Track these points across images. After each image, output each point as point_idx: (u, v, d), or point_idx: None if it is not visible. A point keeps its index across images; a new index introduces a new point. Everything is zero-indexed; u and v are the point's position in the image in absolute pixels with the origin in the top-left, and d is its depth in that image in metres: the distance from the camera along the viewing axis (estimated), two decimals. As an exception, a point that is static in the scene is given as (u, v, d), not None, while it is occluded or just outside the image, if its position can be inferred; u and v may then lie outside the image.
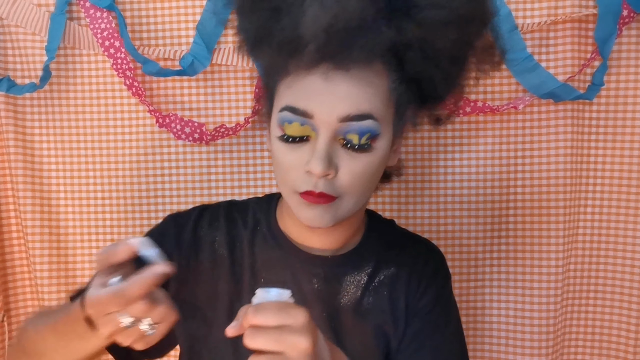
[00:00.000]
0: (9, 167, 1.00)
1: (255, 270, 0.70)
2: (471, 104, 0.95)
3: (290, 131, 0.60)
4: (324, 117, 0.57)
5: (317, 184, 0.59)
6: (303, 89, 0.58)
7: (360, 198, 0.63)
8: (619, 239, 0.98)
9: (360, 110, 0.57)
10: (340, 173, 0.59)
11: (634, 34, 0.93)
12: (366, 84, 0.58)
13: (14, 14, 0.95)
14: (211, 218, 0.73)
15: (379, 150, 0.60)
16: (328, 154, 0.58)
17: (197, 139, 0.97)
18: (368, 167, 0.60)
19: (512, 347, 1.01)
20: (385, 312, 0.70)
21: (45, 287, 1.00)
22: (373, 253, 0.73)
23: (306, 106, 0.58)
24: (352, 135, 0.58)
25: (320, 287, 0.70)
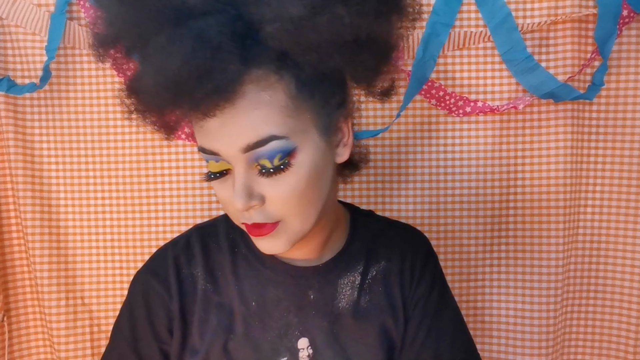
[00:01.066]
0: (9, 167, 1.00)
1: (245, 295, 0.68)
2: (471, 104, 0.95)
3: (211, 168, 0.58)
4: (227, 152, 0.55)
5: (249, 216, 0.57)
6: (200, 131, 0.57)
7: (306, 214, 0.59)
8: (619, 239, 0.98)
9: (259, 135, 0.54)
10: (267, 201, 0.57)
11: (634, 34, 0.93)
12: (255, 106, 0.53)
13: (14, 14, 0.95)
14: (187, 255, 0.70)
15: (302, 165, 0.56)
16: (246, 187, 0.56)
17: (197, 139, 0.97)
18: (295, 185, 0.56)
19: (512, 347, 1.01)
20: (383, 308, 0.70)
21: (45, 287, 1.00)
22: (362, 250, 0.71)
23: (209, 145, 0.56)
24: (263, 161, 0.55)
25: (316, 297, 0.68)
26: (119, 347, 0.71)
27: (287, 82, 0.55)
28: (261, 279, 0.69)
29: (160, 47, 0.51)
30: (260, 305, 0.68)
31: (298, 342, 0.67)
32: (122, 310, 0.71)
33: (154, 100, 0.54)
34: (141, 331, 0.69)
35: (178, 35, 0.50)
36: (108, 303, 1.03)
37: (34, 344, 1.06)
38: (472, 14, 0.93)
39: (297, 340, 0.67)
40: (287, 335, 0.67)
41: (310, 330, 0.68)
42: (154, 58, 0.51)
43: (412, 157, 1.00)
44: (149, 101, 0.55)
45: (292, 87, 0.55)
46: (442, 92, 0.96)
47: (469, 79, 0.96)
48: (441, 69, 0.96)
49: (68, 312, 1.02)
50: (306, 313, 0.68)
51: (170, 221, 1.02)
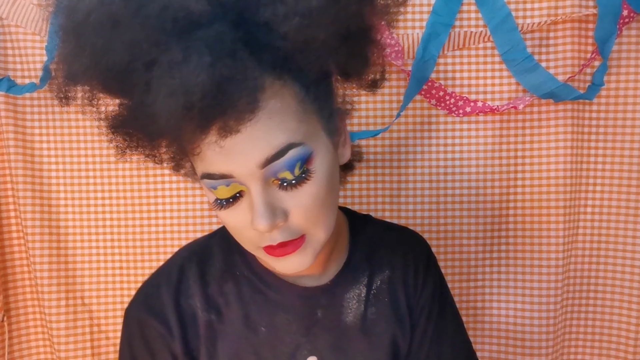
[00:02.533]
0: (9, 167, 1.00)
1: (252, 321, 0.64)
2: (471, 104, 0.95)
3: (220, 194, 0.53)
4: (244, 171, 0.50)
5: (273, 237, 0.53)
6: (210, 155, 0.51)
7: (328, 222, 0.56)
8: (619, 239, 0.98)
9: (276, 146, 0.50)
10: (292, 216, 0.53)
11: (634, 34, 0.93)
12: (268, 116, 0.49)
13: (14, 14, 0.95)
14: (183, 286, 0.64)
15: (320, 169, 0.53)
16: (268, 205, 0.51)
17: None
18: (317, 193, 0.53)
19: (512, 347, 1.01)
20: (390, 318, 0.68)
21: (45, 287, 1.00)
22: (364, 260, 0.69)
23: (220, 169, 0.51)
24: (283, 174, 0.51)
25: (324, 314, 0.65)
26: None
27: (291, 87, 0.52)
28: (269, 303, 0.64)
29: (174, 64, 0.45)
30: (270, 330, 0.64)
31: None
32: (122, 352, 0.66)
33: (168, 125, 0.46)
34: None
35: (192, 48, 0.45)
36: (108, 303, 1.03)
37: (34, 344, 1.06)
38: (472, 14, 0.93)
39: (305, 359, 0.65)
40: (296, 356, 0.65)
41: (318, 348, 0.65)
42: (166, 78, 0.45)
43: (412, 157, 0.99)
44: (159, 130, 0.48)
45: (297, 91, 0.52)
46: (442, 92, 0.96)
47: (469, 79, 0.96)
48: (441, 69, 0.96)
49: (68, 312, 1.02)
50: (314, 332, 0.65)
51: (170, 221, 1.02)
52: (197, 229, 1.01)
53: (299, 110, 0.52)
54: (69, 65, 0.51)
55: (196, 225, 1.01)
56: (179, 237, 1.01)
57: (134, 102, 0.50)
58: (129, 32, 0.46)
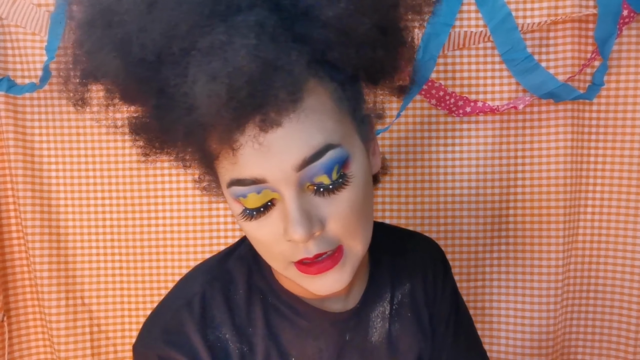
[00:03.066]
0: (9, 167, 1.00)
1: (282, 351, 0.59)
2: (471, 103, 0.95)
3: (250, 204, 0.48)
4: (279, 175, 0.46)
5: (309, 249, 0.48)
6: (243, 159, 0.46)
7: (365, 233, 0.52)
8: (619, 239, 0.98)
9: (314, 147, 0.46)
10: (328, 224, 0.48)
11: (634, 34, 0.92)
12: (306, 115, 0.46)
13: (14, 14, 0.95)
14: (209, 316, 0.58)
15: (357, 175, 0.49)
16: (304, 212, 0.47)
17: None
18: (355, 200, 0.49)
19: (512, 347, 1.01)
20: (414, 333, 0.65)
21: (45, 287, 1.00)
22: (386, 275, 0.65)
23: (253, 173, 0.46)
24: (320, 178, 0.47)
25: (351, 336, 0.62)
26: None
27: (327, 84, 0.49)
28: (298, 331, 0.60)
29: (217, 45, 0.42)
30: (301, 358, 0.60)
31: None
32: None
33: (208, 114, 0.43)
34: None
35: (234, 31, 0.42)
36: (108, 303, 1.03)
37: (34, 344, 1.06)
38: (472, 14, 0.93)
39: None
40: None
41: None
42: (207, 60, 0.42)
43: (412, 157, 0.99)
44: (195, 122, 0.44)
45: (333, 91, 0.49)
46: (442, 92, 0.96)
47: (469, 79, 0.96)
48: (441, 69, 0.95)
49: (68, 312, 1.02)
50: (342, 354, 0.62)
51: (170, 221, 1.02)
52: (197, 229, 1.01)
53: (335, 110, 0.49)
54: (92, 59, 0.47)
55: (196, 226, 1.01)
56: (179, 237, 1.01)
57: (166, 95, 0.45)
58: (166, 14, 0.43)
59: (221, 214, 1.01)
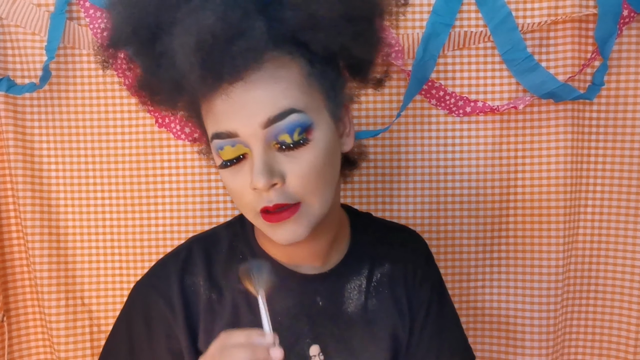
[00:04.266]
0: (9, 167, 1.00)
1: (253, 305, 0.66)
2: (471, 103, 0.95)
3: (226, 156, 0.58)
4: (247, 130, 0.55)
5: (270, 197, 0.56)
6: (218, 112, 0.57)
7: (323, 196, 0.59)
8: (619, 239, 0.98)
9: (278, 108, 0.55)
10: (288, 179, 0.57)
11: (634, 34, 0.93)
12: (275, 81, 0.55)
13: (14, 13, 0.95)
14: (189, 265, 0.68)
15: (319, 142, 0.57)
16: (267, 165, 0.55)
17: (196, 139, 0.97)
18: (314, 162, 0.57)
19: (512, 347, 1.01)
20: (391, 311, 0.70)
21: (45, 287, 1.00)
22: (366, 253, 0.71)
23: (227, 127, 0.56)
24: (283, 136, 0.56)
25: (324, 303, 0.68)
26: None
27: (299, 62, 0.57)
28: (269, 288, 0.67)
29: (192, 11, 0.52)
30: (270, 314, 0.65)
31: (310, 350, 0.67)
32: (118, 325, 0.69)
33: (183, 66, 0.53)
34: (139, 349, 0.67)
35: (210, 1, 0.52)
36: (108, 303, 1.03)
37: (33, 344, 1.06)
38: (472, 14, 0.93)
39: (308, 348, 0.67)
40: (299, 343, 0.67)
41: (321, 337, 0.67)
42: (185, 22, 0.53)
43: (412, 157, 0.99)
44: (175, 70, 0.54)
45: (304, 67, 0.57)
46: (442, 92, 0.96)
47: (469, 79, 0.96)
48: (441, 69, 0.95)
49: (68, 312, 1.02)
50: (316, 320, 0.67)
51: (170, 221, 1.02)
52: (197, 229, 1.01)
53: (304, 84, 0.57)
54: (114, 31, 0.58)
55: (196, 226, 1.01)
56: (179, 237, 1.01)
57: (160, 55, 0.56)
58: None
59: (221, 214, 1.01)
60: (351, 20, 0.56)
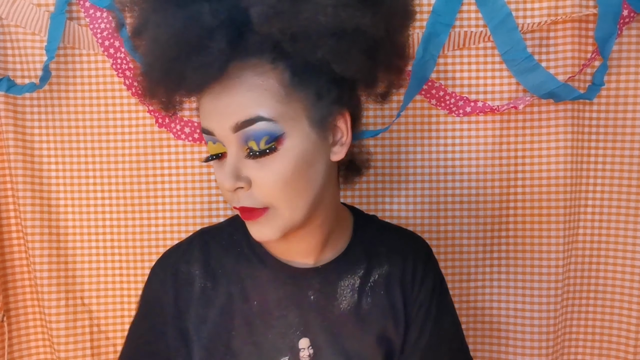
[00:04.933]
0: (9, 167, 1.00)
1: (246, 295, 0.69)
2: (471, 104, 0.95)
3: (210, 150, 0.61)
4: (220, 131, 0.58)
5: (238, 199, 0.60)
6: (202, 109, 0.60)
7: (293, 203, 0.60)
8: (619, 239, 0.98)
9: (247, 115, 0.57)
10: (253, 185, 0.59)
11: (634, 34, 0.93)
12: (248, 88, 0.57)
13: (14, 14, 0.95)
14: (186, 254, 0.71)
15: (289, 151, 0.58)
16: (235, 168, 0.58)
17: (197, 139, 0.97)
18: (282, 171, 0.58)
19: (512, 347, 1.01)
20: (384, 311, 0.70)
21: (45, 287, 1.00)
22: (363, 253, 0.72)
23: (206, 125, 0.60)
24: (251, 143, 0.57)
25: (317, 298, 0.69)
26: None
27: (280, 71, 0.58)
28: (262, 279, 0.69)
29: (155, 24, 0.56)
30: (262, 304, 0.68)
31: (299, 342, 0.68)
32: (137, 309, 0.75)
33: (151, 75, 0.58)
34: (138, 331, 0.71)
35: (172, 15, 0.55)
36: (108, 303, 1.03)
37: (33, 344, 1.06)
38: (472, 14, 0.93)
39: (298, 340, 0.68)
40: (289, 334, 0.68)
41: (311, 331, 0.68)
42: (150, 33, 0.57)
43: (412, 157, 0.99)
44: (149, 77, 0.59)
45: (285, 76, 0.58)
46: (442, 92, 0.96)
47: (469, 79, 0.96)
48: (441, 69, 0.95)
49: (68, 312, 1.02)
50: (307, 313, 0.68)
51: (170, 221, 1.02)
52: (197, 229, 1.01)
53: (281, 93, 0.58)
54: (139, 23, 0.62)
55: (196, 225, 1.01)
56: (179, 237, 1.01)
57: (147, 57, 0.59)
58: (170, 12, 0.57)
59: (221, 213, 1.01)
60: (334, 35, 0.56)
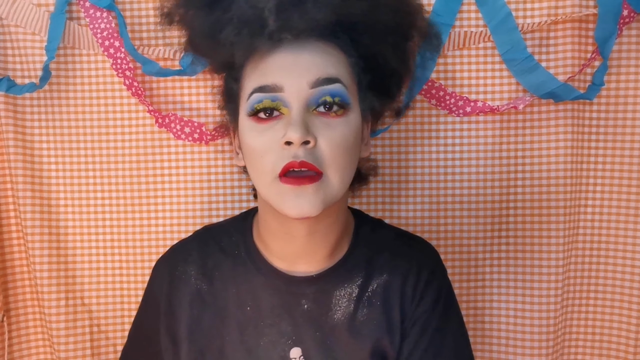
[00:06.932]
0: (9, 167, 1.00)
1: (241, 300, 0.68)
2: (471, 103, 0.95)
3: (261, 107, 0.60)
4: (295, 85, 0.58)
5: (298, 153, 0.57)
6: (269, 66, 0.59)
7: (344, 175, 0.61)
8: (619, 239, 0.98)
9: (328, 73, 0.59)
10: (319, 142, 0.59)
11: (634, 34, 0.92)
12: (328, 53, 0.60)
13: (14, 13, 0.95)
14: (184, 253, 0.72)
15: (351, 122, 0.61)
16: (304, 122, 0.58)
17: (197, 139, 0.97)
18: (346, 135, 0.60)
19: (512, 347, 1.01)
20: (380, 323, 0.67)
21: (45, 287, 1.00)
22: (362, 261, 0.69)
23: (274, 80, 0.59)
24: (325, 97, 0.59)
25: (310, 307, 0.67)
26: None
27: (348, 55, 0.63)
28: (256, 285, 0.68)
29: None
30: (255, 310, 0.67)
31: (291, 352, 0.66)
32: None
33: (258, 14, 0.57)
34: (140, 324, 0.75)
35: None
36: (108, 303, 1.03)
37: (33, 344, 1.06)
38: (472, 14, 0.93)
39: (289, 349, 0.66)
40: (280, 343, 0.66)
41: (303, 340, 0.67)
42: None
43: (411, 157, 0.99)
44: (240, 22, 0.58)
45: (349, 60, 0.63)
46: (442, 92, 0.96)
47: (469, 79, 0.96)
48: (441, 69, 0.95)
49: (68, 312, 1.02)
50: (299, 322, 0.67)
51: (170, 221, 1.02)
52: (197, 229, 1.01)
53: (349, 68, 0.62)
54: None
55: (196, 225, 1.01)
56: (179, 237, 1.01)
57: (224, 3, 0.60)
58: None
59: (221, 214, 1.01)
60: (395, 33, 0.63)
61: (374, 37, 0.62)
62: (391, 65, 0.66)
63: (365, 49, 0.63)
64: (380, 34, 0.62)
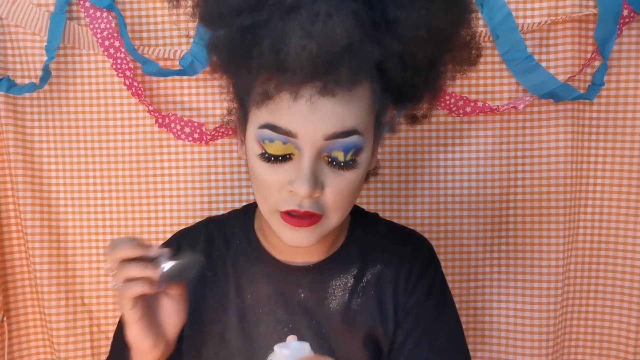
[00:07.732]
0: (9, 167, 1.00)
1: (241, 288, 0.70)
2: (471, 103, 0.95)
3: (272, 150, 0.57)
4: (309, 136, 0.55)
5: (302, 203, 0.58)
6: (283, 106, 0.55)
7: (344, 213, 0.62)
8: (619, 239, 0.98)
9: (345, 127, 0.56)
10: (326, 191, 0.58)
11: (634, 34, 0.92)
12: (350, 100, 0.56)
13: (14, 13, 0.95)
14: (191, 242, 0.73)
15: (362, 164, 0.59)
16: (314, 173, 0.56)
17: (197, 139, 0.97)
18: (353, 183, 0.59)
19: (512, 347, 1.01)
20: (373, 313, 0.69)
21: (45, 287, 1.00)
22: (358, 253, 0.71)
23: (289, 125, 0.55)
24: (337, 153, 0.57)
25: (307, 296, 0.69)
26: None
27: (373, 85, 0.59)
28: (256, 274, 0.70)
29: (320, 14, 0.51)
30: (254, 299, 0.70)
31: (287, 339, 0.67)
32: None
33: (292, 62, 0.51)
34: None
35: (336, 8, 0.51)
36: (108, 303, 1.03)
37: (33, 344, 1.06)
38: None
39: (285, 337, 0.67)
40: (277, 330, 0.68)
41: (299, 328, 0.68)
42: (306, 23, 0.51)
43: (412, 157, 0.99)
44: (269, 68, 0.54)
45: (373, 90, 0.59)
46: (442, 92, 0.96)
47: (469, 79, 0.96)
48: (441, 69, 0.95)
49: (68, 312, 1.02)
50: (296, 311, 0.69)
51: (170, 221, 1.02)
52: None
53: (370, 107, 0.59)
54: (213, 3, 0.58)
55: (196, 225, 1.01)
56: (179, 237, 1.01)
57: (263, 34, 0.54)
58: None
59: (221, 213, 1.01)
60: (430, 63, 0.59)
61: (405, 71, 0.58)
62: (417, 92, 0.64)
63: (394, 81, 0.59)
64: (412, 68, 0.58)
